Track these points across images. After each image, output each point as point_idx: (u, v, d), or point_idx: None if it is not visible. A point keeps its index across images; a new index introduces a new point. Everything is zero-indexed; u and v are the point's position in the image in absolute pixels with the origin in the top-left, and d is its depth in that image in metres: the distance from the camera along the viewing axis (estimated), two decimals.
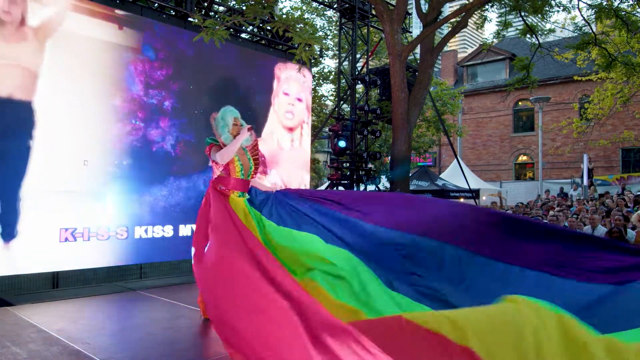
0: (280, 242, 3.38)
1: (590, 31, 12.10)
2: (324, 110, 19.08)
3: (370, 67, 12.10)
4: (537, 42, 11.84)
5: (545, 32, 12.78)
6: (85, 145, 5.76)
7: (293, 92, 8.35)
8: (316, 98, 18.22)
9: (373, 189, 11.46)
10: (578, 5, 11.21)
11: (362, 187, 10.72)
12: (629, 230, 7.80)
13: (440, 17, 9.73)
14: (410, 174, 10.91)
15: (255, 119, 7.58)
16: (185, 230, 6.70)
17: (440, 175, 17.91)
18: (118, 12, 6.10)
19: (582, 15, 11.87)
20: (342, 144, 10.06)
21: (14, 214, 5.18)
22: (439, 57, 21.42)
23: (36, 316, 4.40)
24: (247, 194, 3.86)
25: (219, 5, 7.59)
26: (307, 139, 8.63)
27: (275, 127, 8.05)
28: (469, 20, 10.10)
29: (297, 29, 6.16)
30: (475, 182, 15.73)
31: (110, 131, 6.01)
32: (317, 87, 18.81)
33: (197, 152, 6.74)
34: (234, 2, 11.53)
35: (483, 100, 24.16)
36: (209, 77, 7.09)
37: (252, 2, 6.12)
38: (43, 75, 5.43)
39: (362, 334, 1.97)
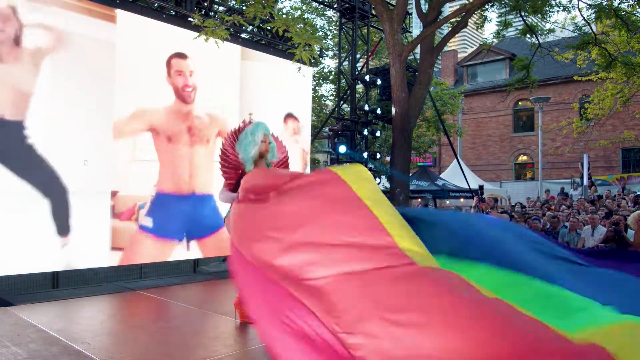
0: None
1: (590, 31, 12.09)
2: (324, 110, 19.07)
3: (370, 67, 12.10)
4: (537, 42, 11.84)
5: (545, 32, 12.79)
6: (86, 145, 5.76)
7: None
8: (316, 98, 18.21)
9: None
10: (578, 5, 11.21)
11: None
12: (629, 229, 7.80)
13: (440, 17, 9.73)
14: (410, 174, 10.90)
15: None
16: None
17: (440, 175, 17.92)
18: (118, 12, 6.10)
19: (582, 15, 11.87)
20: (342, 147, 10.07)
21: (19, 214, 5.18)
22: (439, 57, 21.41)
23: (36, 316, 4.40)
24: None
25: (219, 5, 7.58)
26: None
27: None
28: (469, 20, 10.10)
29: (297, 29, 6.16)
30: (475, 182, 15.73)
31: (111, 131, 6.01)
32: (317, 87, 18.81)
33: None
34: (233, 2, 11.52)
35: (483, 100, 24.16)
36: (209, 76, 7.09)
37: (252, 2, 6.12)
38: (42, 76, 5.43)
39: None
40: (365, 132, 10.56)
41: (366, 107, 10.62)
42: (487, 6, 11.35)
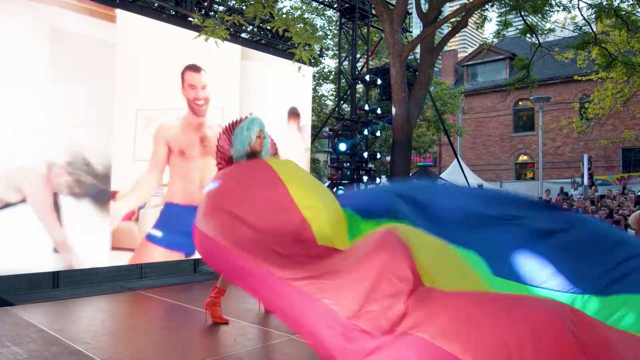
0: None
1: (590, 31, 12.08)
2: (324, 110, 19.08)
3: (370, 67, 12.10)
4: (537, 41, 11.83)
5: (545, 32, 12.77)
6: (86, 145, 5.76)
7: None
8: (316, 98, 18.22)
9: None
10: (578, 4, 11.20)
11: (362, 187, 10.72)
12: (629, 229, 7.80)
13: (440, 17, 9.72)
14: (410, 174, 10.90)
15: None
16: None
17: (441, 175, 17.93)
18: (118, 11, 6.09)
19: (582, 15, 11.87)
20: (342, 145, 10.06)
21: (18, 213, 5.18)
22: (439, 57, 21.39)
23: (36, 316, 4.40)
24: None
25: (219, 5, 7.58)
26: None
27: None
28: (469, 20, 10.09)
29: (297, 29, 6.16)
30: (475, 182, 15.74)
31: (110, 131, 6.01)
32: (317, 87, 18.82)
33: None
34: (233, 2, 11.53)
35: (483, 100, 24.15)
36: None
37: (252, 2, 6.12)
38: (43, 74, 5.43)
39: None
40: (366, 132, 10.56)
41: (366, 107, 10.62)
42: (487, 6, 11.34)
